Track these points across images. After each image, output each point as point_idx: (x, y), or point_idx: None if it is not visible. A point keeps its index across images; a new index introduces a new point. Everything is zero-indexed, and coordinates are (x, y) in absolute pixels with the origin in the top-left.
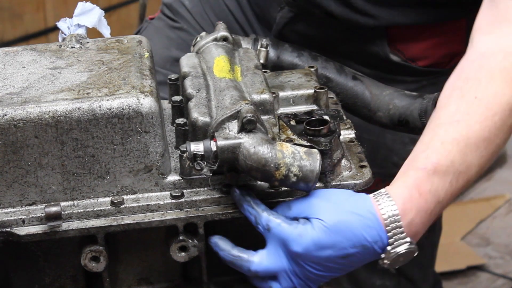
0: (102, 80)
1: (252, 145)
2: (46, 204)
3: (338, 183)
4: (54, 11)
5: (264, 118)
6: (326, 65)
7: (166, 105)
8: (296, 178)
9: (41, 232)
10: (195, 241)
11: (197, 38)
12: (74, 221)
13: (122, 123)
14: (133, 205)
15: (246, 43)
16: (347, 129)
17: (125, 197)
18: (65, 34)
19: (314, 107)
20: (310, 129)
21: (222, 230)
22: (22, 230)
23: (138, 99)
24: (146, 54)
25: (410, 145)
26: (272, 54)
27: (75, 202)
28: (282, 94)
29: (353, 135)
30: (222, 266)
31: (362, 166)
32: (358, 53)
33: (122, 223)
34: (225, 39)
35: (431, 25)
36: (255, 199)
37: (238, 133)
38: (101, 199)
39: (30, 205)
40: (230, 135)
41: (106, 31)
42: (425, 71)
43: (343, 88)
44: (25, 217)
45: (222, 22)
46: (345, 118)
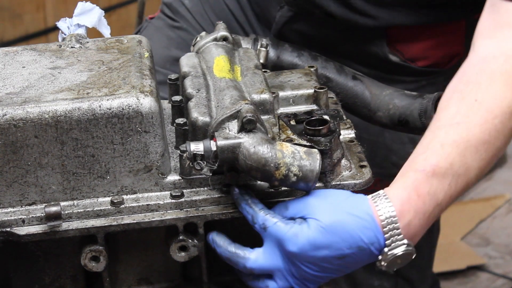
0: (102, 80)
1: (252, 145)
2: (46, 204)
3: (338, 183)
4: (54, 11)
5: (264, 118)
6: (326, 65)
7: (166, 105)
8: (296, 178)
9: (41, 232)
10: (195, 241)
11: (197, 38)
12: (74, 221)
13: (122, 123)
14: (133, 205)
15: (246, 43)
16: (347, 129)
17: (125, 197)
18: (65, 34)
19: (314, 107)
20: (310, 129)
21: (222, 230)
22: (22, 230)
23: (138, 99)
24: (146, 54)
25: (409, 144)
26: (272, 54)
27: (75, 202)
28: (282, 94)
29: (353, 135)
30: (222, 266)
31: (362, 166)
32: (357, 53)
33: (122, 223)
34: (225, 39)
35: (431, 25)
36: (254, 199)
37: (238, 133)
38: (101, 199)
39: (30, 205)
40: (230, 135)
41: (106, 31)
42: (424, 71)
43: (343, 88)
44: (25, 217)
45: (222, 22)
46: (345, 118)
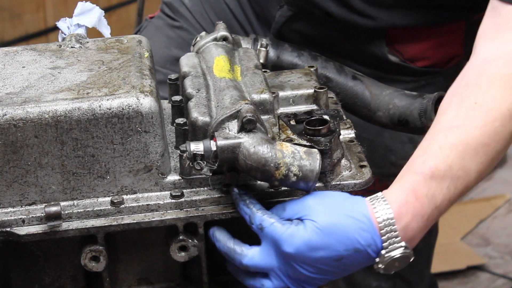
0: (102, 80)
1: (252, 144)
2: (46, 204)
3: (338, 183)
4: (54, 11)
5: (264, 118)
6: (326, 65)
7: (166, 105)
8: (296, 177)
9: (41, 232)
10: (195, 241)
11: (197, 38)
12: (74, 221)
13: (122, 123)
14: (133, 205)
15: (246, 43)
16: (347, 128)
17: (125, 197)
18: (65, 34)
19: (314, 107)
20: (310, 128)
21: None
22: (22, 230)
23: (138, 99)
24: (146, 54)
25: (409, 144)
26: (272, 54)
27: (75, 202)
28: (282, 94)
29: (353, 135)
30: (222, 266)
31: (362, 166)
32: (357, 53)
33: (122, 223)
34: (225, 39)
35: (430, 26)
36: (252, 199)
37: (238, 132)
38: (101, 199)
39: (30, 205)
40: (230, 135)
41: (106, 31)
42: (423, 71)
43: (343, 88)
44: (25, 217)
45: (222, 21)
46: (345, 118)
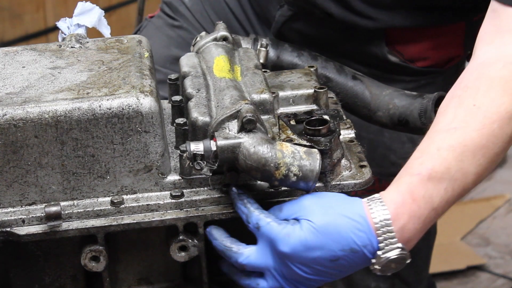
0: (102, 80)
1: (252, 144)
2: (46, 204)
3: (338, 183)
4: (54, 11)
5: (264, 118)
6: (326, 65)
7: (166, 104)
8: (296, 177)
9: (41, 232)
10: (195, 241)
11: (197, 38)
12: (74, 221)
13: (122, 123)
14: (133, 205)
15: (246, 43)
16: (347, 128)
17: (125, 197)
18: (65, 34)
19: (314, 107)
20: (310, 128)
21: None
22: (22, 230)
23: (138, 99)
24: (146, 54)
25: (409, 144)
26: (272, 54)
27: (75, 202)
28: (282, 94)
29: (353, 135)
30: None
31: (362, 166)
32: (357, 53)
33: (122, 223)
34: (225, 39)
35: (430, 27)
36: (249, 198)
37: (238, 132)
38: (101, 199)
39: (30, 205)
40: (230, 135)
41: (106, 31)
42: (423, 71)
43: (343, 87)
44: (25, 217)
45: (222, 21)
46: (345, 117)
